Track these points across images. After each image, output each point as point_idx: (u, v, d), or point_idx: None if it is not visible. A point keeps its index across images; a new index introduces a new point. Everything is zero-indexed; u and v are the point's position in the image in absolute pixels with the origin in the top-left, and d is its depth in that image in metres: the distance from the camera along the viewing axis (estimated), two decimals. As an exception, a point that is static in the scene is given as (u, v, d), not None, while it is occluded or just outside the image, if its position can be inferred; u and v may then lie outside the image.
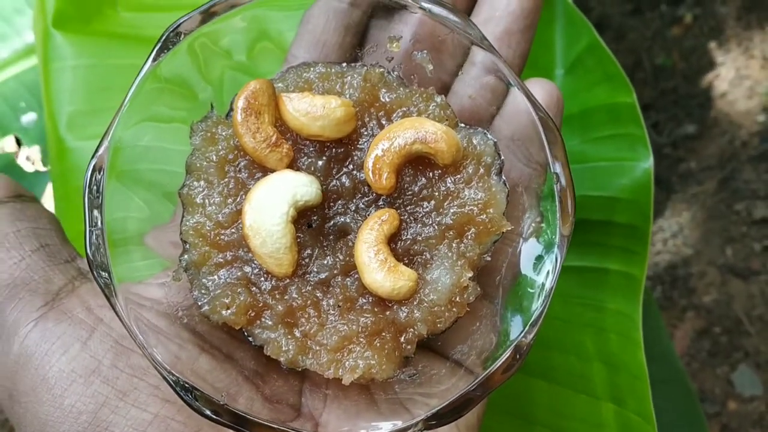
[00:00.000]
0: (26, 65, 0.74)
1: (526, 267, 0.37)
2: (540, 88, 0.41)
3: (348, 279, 0.37)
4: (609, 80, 0.65)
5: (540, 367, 0.61)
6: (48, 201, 0.78)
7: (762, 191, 1.48)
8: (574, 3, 0.68)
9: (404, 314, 0.36)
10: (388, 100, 0.38)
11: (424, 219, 0.37)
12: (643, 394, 0.58)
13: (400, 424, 0.34)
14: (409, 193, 0.37)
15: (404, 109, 0.38)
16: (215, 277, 0.37)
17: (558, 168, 0.36)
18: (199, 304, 0.36)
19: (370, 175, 0.36)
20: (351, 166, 0.38)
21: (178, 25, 0.35)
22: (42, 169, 0.76)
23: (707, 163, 1.52)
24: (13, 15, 0.72)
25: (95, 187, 0.34)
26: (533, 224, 0.37)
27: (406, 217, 0.37)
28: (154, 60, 0.35)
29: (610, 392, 0.59)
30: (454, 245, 0.37)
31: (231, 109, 0.37)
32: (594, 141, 0.65)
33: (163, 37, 0.35)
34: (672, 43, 1.61)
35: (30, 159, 0.78)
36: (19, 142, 0.80)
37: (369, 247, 0.35)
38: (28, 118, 0.74)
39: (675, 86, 1.58)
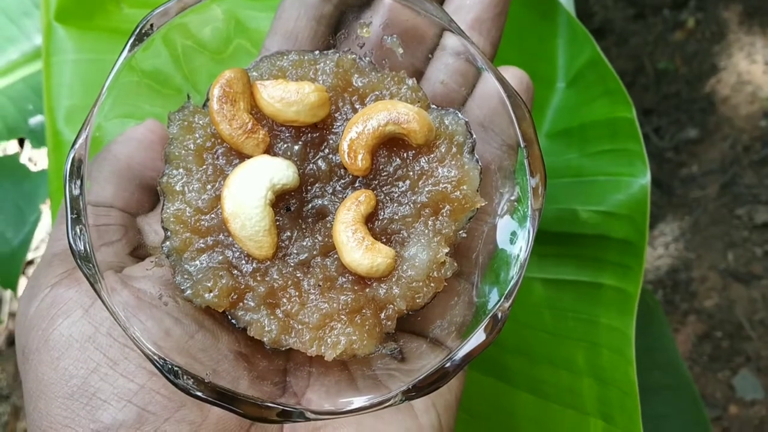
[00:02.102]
0: (34, 68, 0.75)
1: (502, 241, 0.38)
2: (511, 75, 0.42)
3: (327, 259, 0.38)
4: (609, 95, 0.65)
5: (529, 381, 0.61)
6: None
7: (764, 196, 1.48)
8: (577, 8, 0.69)
9: (383, 291, 0.37)
10: (360, 84, 0.39)
11: (399, 198, 0.38)
12: (632, 410, 0.58)
13: (380, 396, 0.35)
14: (385, 173, 0.38)
15: (377, 92, 0.39)
16: (197, 262, 0.38)
17: (527, 144, 0.37)
18: (182, 288, 0.37)
19: (346, 157, 0.37)
20: (327, 150, 0.39)
21: (153, 17, 0.36)
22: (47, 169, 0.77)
23: (709, 168, 1.53)
24: (22, 17, 0.74)
25: (75, 177, 0.35)
26: (507, 200, 0.38)
27: (382, 197, 0.38)
28: (129, 51, 0.36)
29: (599, 408, 0.60)
30: (430, 222, 0.38)
31: (207, 99, 0.38)
32: (592, 155, 0.66)
33: (138, 29, 0.36)
34: (674, 47, 1.61)
35: (32, 160, 0.79)
36: (21, 142, 0.81)
37: (347, 227, 0.36)
38: (36, 120, 0.76)
39: (677, 91, 1.59)
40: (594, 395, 0.60)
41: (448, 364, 0.35)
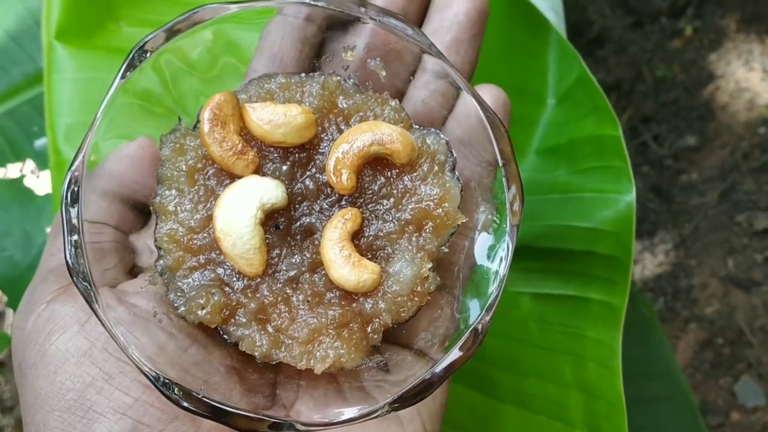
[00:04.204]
0: (39, 90, 0.75)
1: (480, 257, 0.40)
2: (488, 93, 0.44)
3: (315, 275, 0.39)
4: (597, 113, 0.66)
5: (515, 394, 0.62)
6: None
7: (763, 202, 1.49)
8: (575, 17, 0.70)
9: (370, 305, 0.38)
10: (345, 106, 0.40)
11: (384, 216, 0.40)
12: (619, 422, 0.59)
13: (368, 408, 0.36)
14: (370, 192, 0.40)
15: (361, 113, 0.40)
16: (190, 279, 0.39)
17: (505, 162, 0.38)
18: (176, 305, 0.39)
19: (332, 176, 0.38)
20: (314, 170, 0.40)
21: (145, 43, 0.38)
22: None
23: (708, 175, 1.53)
24: (26, 40, 0.74)
25: (73, 197, 0.36)
26: (486, 217, 0.40)
27: (367, 214, 0.40)
28: (122, 77, 0.37)
29: (585, 420, 0.60)
30: (413, 239, 0.39)
31: (198, 121, 0.39)
32: (579, 172, 0.67)
33: (131, 55, 0.38)
34: (672, 55, 1.63)
35: (34, 173, 0.80)
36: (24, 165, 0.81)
37: (334, 245, 0.38)
38: (41, 142, 0.76)
39: (676, 98, 1.60)
40: (581, 407, 0.61)
41: (430, 376, 0.36)
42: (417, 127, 0.41)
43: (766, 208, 1.48)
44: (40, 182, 0.77)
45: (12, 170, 0.78)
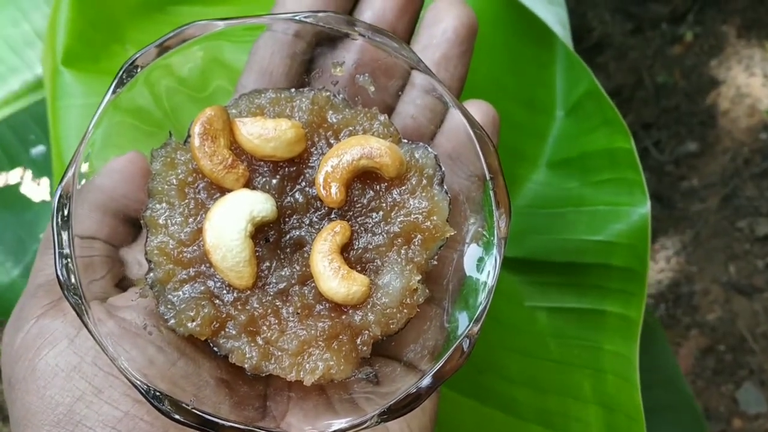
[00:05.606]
0: (36, 98, 0.75)
1: (469, 269, 0.40)
2: (477, 108, 0.44)
3: (305, 288, 0.39)
4: (608, 125, 0.66)
5: (536, 412, 0.62)
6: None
7: (765, 208, 1.49)
8: (575, 24, 0.70)
9: (359, 317, 0.39)
10: (335, 120, 0.41)
11: (373, 228, 0.40)
12: None
13: (357, 419, 0.37)
14: (359, 205, 0.40)
15: (350, 128, 0.41)
16: (180, 292, 0.39)
17: (493, 176, 0.38)
18: (166, 318, 0.39)
19: (322, 190, 0.38)
20: (303, 183, 0.40)
21: (135, 59, 0.38)
22: (49, 200, 0.78)
23: (709, 181, 1.53)
24: (24, 48, 0.74)
25: (63, 211, 0.37)
26: (475, 230, 0.40)
27: (357, 227, 0.40)
28: (113, 93, 0.38)
29: None
30: (402, 251, 0.39)
31: (188, 135, 0.40)
32: (592, 184, 0.67)
33: (121, 71, 0.38)
34: (673, 61, 1.63)
35: (35, 180, 0.80)
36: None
37: (323, 257, 0.38)
38: (38, 150, 0.76)
39: (677, 104, 1.59)
40: (601, 422, 0.61)
41: (417, 388, 0.37)
42: (406, 141, 0.41)
43: (767, 214, 1.48)
44: (37, 190, 0.77)
45: (7, 177, 0.77)
